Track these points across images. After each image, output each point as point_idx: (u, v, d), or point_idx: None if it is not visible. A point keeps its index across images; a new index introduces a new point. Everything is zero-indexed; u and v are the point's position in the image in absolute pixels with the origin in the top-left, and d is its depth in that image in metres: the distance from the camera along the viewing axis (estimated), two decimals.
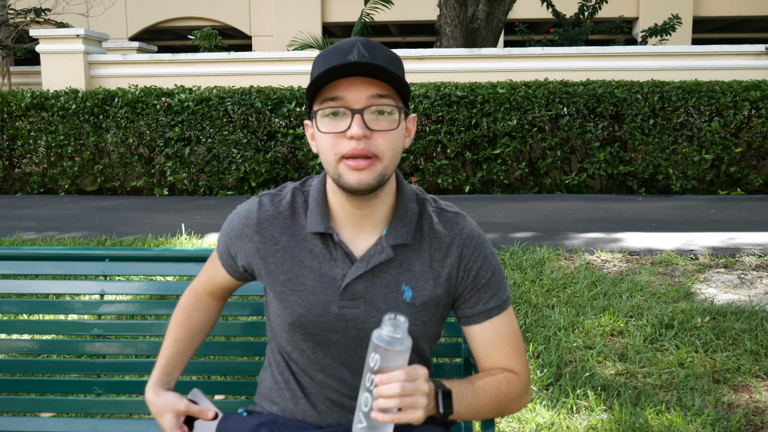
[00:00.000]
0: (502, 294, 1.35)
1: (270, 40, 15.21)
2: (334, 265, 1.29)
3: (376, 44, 1.21)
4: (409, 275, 1.30)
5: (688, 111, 7.65)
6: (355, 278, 1.28)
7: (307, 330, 1.31)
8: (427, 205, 1.35)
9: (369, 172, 1.19)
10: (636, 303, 3.70)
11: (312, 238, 1.31)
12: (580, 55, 8.68)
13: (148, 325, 1.75)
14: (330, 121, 1.20)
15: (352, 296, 1.29)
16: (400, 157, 1.26)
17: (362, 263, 1.28)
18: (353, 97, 1.18)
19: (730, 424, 2.51)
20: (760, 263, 4.50)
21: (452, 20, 9.56)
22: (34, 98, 8.31)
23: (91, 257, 1.80)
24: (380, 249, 1.29)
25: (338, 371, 1.33)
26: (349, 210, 1.29)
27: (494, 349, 1.34)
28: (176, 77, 8.94)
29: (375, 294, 1.29)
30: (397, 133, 1.22)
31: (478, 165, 7.90)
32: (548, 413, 2.58)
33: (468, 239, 1.33)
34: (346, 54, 1.17)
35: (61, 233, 5.71)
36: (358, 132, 1.17)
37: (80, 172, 8.42)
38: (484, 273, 1.33)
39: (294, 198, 1.34)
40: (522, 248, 4.86)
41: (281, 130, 7.93)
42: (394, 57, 1.23)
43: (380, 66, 1.15)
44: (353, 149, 1.18)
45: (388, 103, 1.19)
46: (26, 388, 1.79)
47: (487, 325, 1.33)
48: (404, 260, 1.31)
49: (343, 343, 1.31)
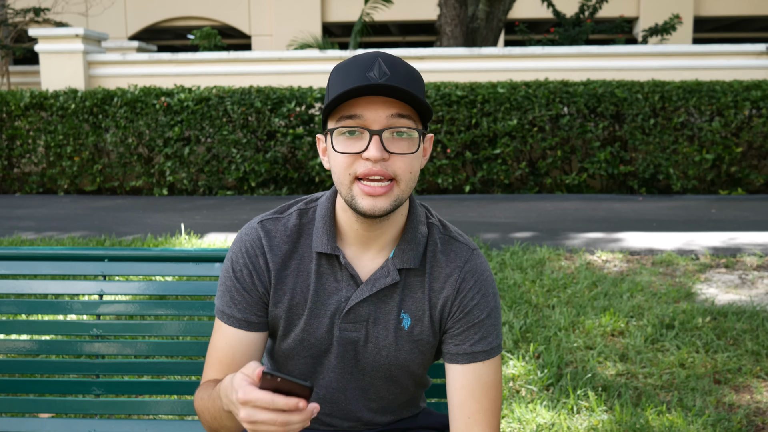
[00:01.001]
0: (493, 340, 1.26)
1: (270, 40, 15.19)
2: (338, 287, 1.26)
3: (398, 60, 1.16)
4: (410, 303, 1.26)
5: (688, 111, 7.64)
6: (359, 302, 1.25)
7: (307, 353, 1.28)
8: (435, 231, 1.30)
9: (385, 198, 1.15)
10: (637, 303, 3.69)
11: (317, 258, 1.26)
12: (580, 55, 8.67)
13: (148, 325, 1.75)
14: (346, 140, 1.15)
15: (355, 319, 1.25)
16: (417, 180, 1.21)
17: (367, 286, 1.24)
18: (372, 117, 1.13)
19: (731, 424, 2.50)
20: (761, 263, 4.49)
21: (452, 20, 9.55)
22: (33, 98, 8.30)
23: (90, 257, 1.80)
24: (386, 272, 1.25)
25: (333, 395, 1.31)
26: (357, 230, 1.24)
27: (470, 397, 1.24)
28: (176, 77, 8.93)
29: (377, 318, 1.26)
30: (415, 156, 1.16)
31: (479, 165, 7.89)
32: (549, 414, 2.57)
33: (469, 273, 1.27)
34: (366, 70, 1.12)
35: (60, 233, 5.70)
36: (375, 154, 1.12)
37: (79, 172, 8.41)
38: (479, 312, 1.26)
39: (300, 218, 1.29)
40: (522, 248, 4.85)
41: (281, 129, 7.92)
42: (415, 75, 1.17)
43: (401, 88, 1.10)
44: (369, 170, 1.13)
45: (407, 124, 1.14)
46: (25, 389, 1.78)
47: (469, 369, 1.25)
48: (407, 286, 1.26)
49: (341, 368, 1.29)
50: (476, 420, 1.24)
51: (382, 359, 1.27)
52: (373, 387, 1.31)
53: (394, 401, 1.34)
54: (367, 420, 1.33)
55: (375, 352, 1.27)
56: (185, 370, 1.73)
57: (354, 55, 1.18)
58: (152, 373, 1.73)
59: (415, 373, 1.31)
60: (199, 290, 1.75)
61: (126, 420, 1.75)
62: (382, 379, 1.30)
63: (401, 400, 1.35)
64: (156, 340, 1.74)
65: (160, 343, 1.74)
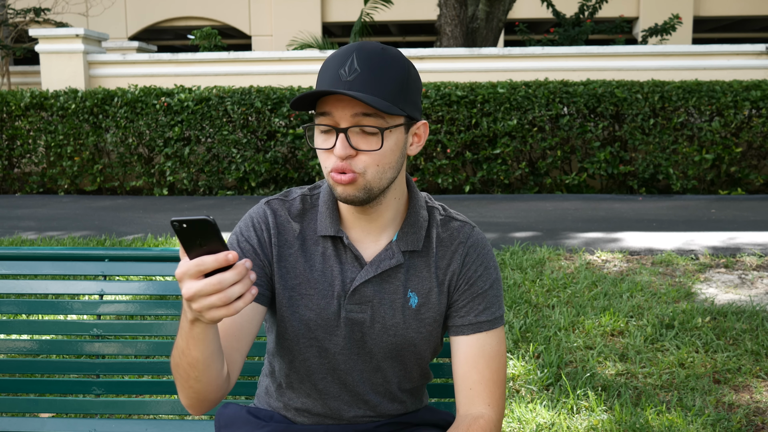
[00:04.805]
0: (496, 310, 1.32)
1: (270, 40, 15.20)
2: (344, 268, 1.30)
3: (375, 54, 1.18)
4: (416, 282, 1.31)
5: (688, 111, 7.65)
6: (364, 282, 1.28)
7: (314, 335, 1.30)
8: (436, 213, 1.35)
9: (352, 187, 1.21)
10: (636, 303, 3.69)
11: (322, 242, 1.31)
12: (580, 55, 8.68)
13: (148, 325, 1.75)
14: (321, 136, 1.22)
15: (360, 300, 1.29)
16: (398, 168, 1.25)
17: (372, 267, 1.28)
18: (339, 115, 1.19)
19: (731, 424, 2.50)
20: (760, 263, 4.49)
21: (452, 20, 9.56)
22: (34, 98, 8.30)
23: (91, 257, 1.80)
24: (391, 254, 1.29)
25: (341, 377, 1.32)
26: (354, 214, 1.30)
27: (473, 368, 1.28)
28: (176, 77, 8.94)
29: (382, 299, 1.29)
30: (380, 153, 1.20)
31: (478, 165, 7.89)
32: (548, 413, 2.58)
33: (472, 248, 1.33)
34: (340, 66, 1.18)
35: (60, 233, 5.71)
36: (341, 152, 1.18)
37: (80, 172, 8.41)
38: (482, 283, 1.31)
39: (303, 203, 1.34)
40: (522, 248, 4.86)
41: (281, 129, 7.92)
42: (389, 70, 1.19)
43: (353, 94, 1.13)
44: (336, 165, 1.20)
45: (371, 123, 1.18)
46: (25, 389, 1.78)
47: (473, 339, 1.29)
48: (411, 267, 1.31)
49: (348, 350, 1.31)
50: (477, 391, 1.27)
51: (389, 338, 1.30)
52: (380, 369, 1.33)
53: (400, 386, 1.36)
54: (373, 403, 1.34)
55: (382, 332, 1.30)
56: None
57: (341, 47, 1.23)
58: (152, 373, 1.73)
59: (421, 356, 1.34)
60: None
61: (126, 420, 1.76)
62: (389, 360, 1.32)
63: (406, 386, 1.37)
64: (156, 340, 1.74)
65: (160, 343, 1.74)
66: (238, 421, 1.36)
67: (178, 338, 1.12)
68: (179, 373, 1.15)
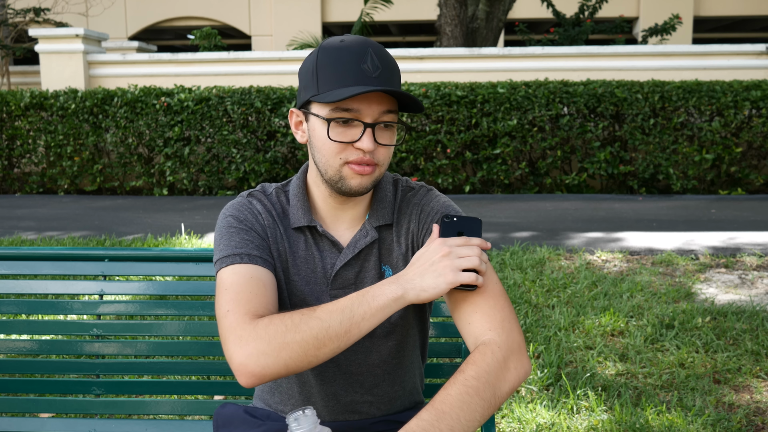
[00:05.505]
0: None
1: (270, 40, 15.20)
2: (323, 255, 1.33)
3: (383, 50, 1.24)
4: (386, 254, 1.34)
5: (688, 111, 7.65)
6: (344, 265, 1.32)
7: None
8: (399, 185, 1.40)
9: (368, 178, 1.25)
10: (636, 303, 3.69)
11: (297, 233, 1.34)
12: (580, 55, 8.67)
13: (148, 325, 1.75)
14: (340, 128, 1.22)
15: (343, 284, 1.32)
16: None
17: (349, 249, 1.32)
18: (367, 111, 1.21)
19: (731, 424, 2.50)
20: (760, 263, 4.49)
21: (452, 20, 9.55)
22: (34, 98, 8.30)
23: (91, 257, 1.80)
24: (365, 233, 1.33)
25: (335, 359, 1.34)
26: (331, 204, 1.33)
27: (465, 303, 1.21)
28: (176, 77, 8.93)
29: (364, 278, 1.33)
30: (392, 146, 1.28)
31: (478, 165, 7.89)
32: (549, 413, 2.58)
33: (426, 205, 1.34)
34: (360, 61, 1.19)
35: (60, 233, 5.71)
36: (369, 146, 1.21)
37: (79, 172, 8.41)
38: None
39: (278, 198, 1.37)
40: (522, 248, 4.85)
41: (281, 129, 7.92)
42: (396, 65, 1.27)
43: (399, 91, 1.20)
44: (360, 158, 1.23)
45: (394, 119, 1.25)
46: (25, 389, 1.78)
47: None
48: (381, 241, 1.35)
49: None
50: (476, 322, 1.19)
51: None
52: (374, 347, 1.34)
53: (396, 365, 1.37)
54: (369, 385, 1.36)
55: None
56: (185, 370, 1.73)
57: (341, 40, 1.24)
58: (152, 373, 1.73)
59: (409, 324, 1.36)
60: (199, 290, 1.75)
61: (126, 420, 1.76)
62: (381, 337, 1.34)
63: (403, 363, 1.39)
64: (156, 340, 1.74)
65: (160, 343, 1.74)
66: (235, 421, 1.38)
67: (354, 320, 1.14)
68: (322, 350, 1.13)
